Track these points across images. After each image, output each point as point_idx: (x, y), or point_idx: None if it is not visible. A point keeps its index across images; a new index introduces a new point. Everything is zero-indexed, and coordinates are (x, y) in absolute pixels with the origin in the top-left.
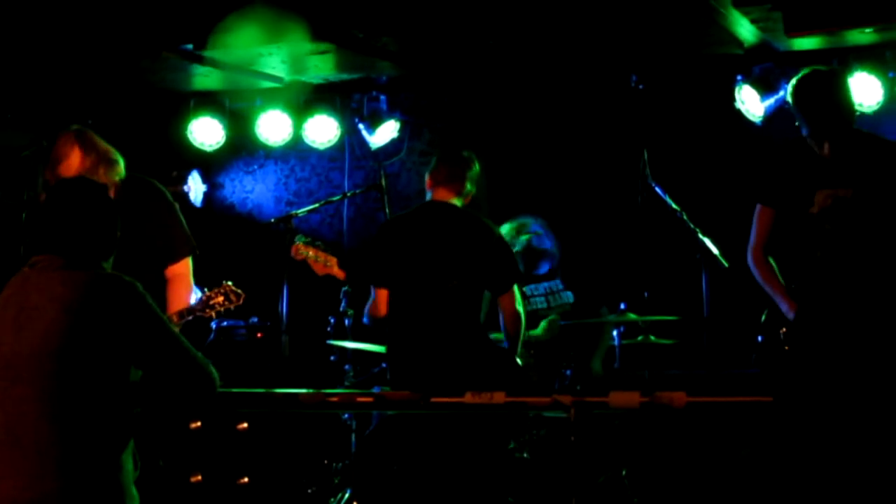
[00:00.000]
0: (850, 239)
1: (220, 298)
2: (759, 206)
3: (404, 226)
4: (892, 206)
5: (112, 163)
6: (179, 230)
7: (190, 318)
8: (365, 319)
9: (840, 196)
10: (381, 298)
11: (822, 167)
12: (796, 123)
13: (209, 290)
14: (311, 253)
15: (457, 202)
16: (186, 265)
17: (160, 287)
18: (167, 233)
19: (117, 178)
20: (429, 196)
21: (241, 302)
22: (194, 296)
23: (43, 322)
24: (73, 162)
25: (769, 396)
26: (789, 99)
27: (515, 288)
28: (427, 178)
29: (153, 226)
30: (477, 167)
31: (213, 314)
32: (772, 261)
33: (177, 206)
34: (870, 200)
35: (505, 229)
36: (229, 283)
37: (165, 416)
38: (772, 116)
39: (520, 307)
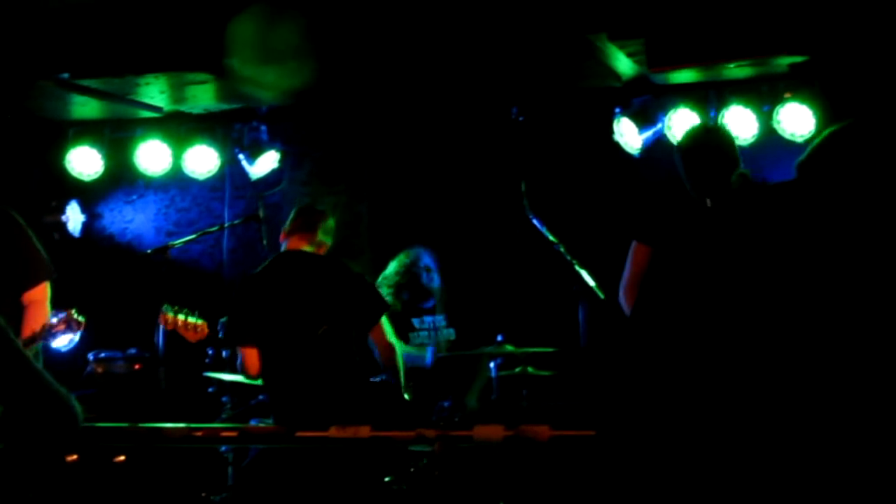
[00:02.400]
0: (719, 283)
1: (62, 326)
2: (634, 243)
3: (261, 281)
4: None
5: None
6: (35, 256)
7: (33, 344)
8: (241, 375)
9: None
10: (250, 357)
11: (707, 216)
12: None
13: (53, 315)
14: (179, 322)
15: (309, 250)
16: (43, 291)
17: (18, 314)
18: (22, 258)
19: None
20: (283, 248)
21: (81, 329)
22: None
23: None
24: None
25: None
26: (675, 154)
27: (384, 320)
28: (282, 231)
29: (7, 252)
30: (331, 221)
31: (53, 342)
32: None
33: (31, 231)
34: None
35: (399, 259)
36: (73, 310)
37: (30, 452)
38: (650, 148)
39: (391, 338)
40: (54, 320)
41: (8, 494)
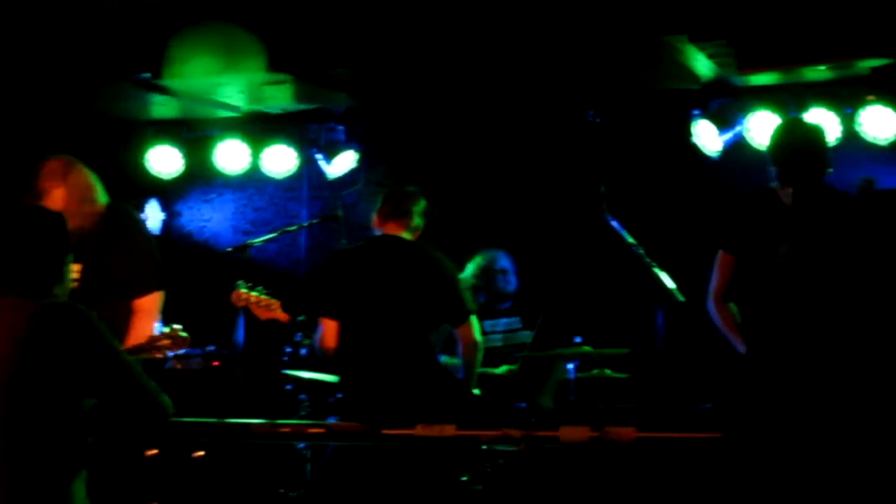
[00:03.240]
0: (807, 290)
1: (167, 342)
2: (720, 253)
3: (354, 258)
4: (845, 264)
5: (93, 199)
6: (150, 264)
7: (137, 355)
8: (316, 351)
9: (799, 249)
10: (329, 330)
11: (786, 218)
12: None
13: (158, 331)
14: (252, 298)
15: (406, 236)
16: (154, 301)
17: (124, 317)
18: (140, 265)
19: (99, 209)
20: (377, 233)
21: (186, 345)
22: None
23: None
24: (57, 197)
25: (720, 433)
26: (767, 144)
27: (473, 318)
28: (374, 216)
29: (125, 257)
30: (423, 202)
31: (160, 355)
32: (732, 306)
33: (153, 239)
34: (825, 256)
35: (476, 261)
36: (178, 326)
37: (118, 445)
38: (728, 151)
39: (478, 336)
40: (159, 333)
41: (95, 487)
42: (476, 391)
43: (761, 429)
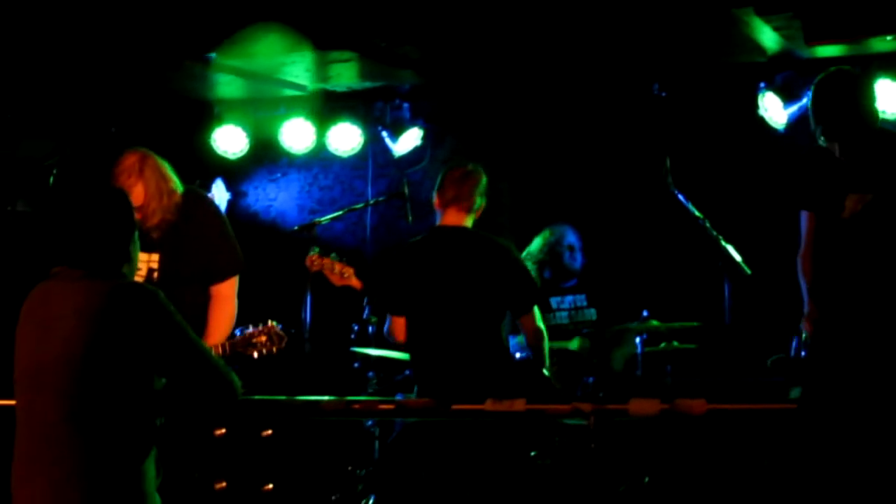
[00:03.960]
0: (881, 244)
1: (263, 338)
2: (803, 214)
3: (417, 252)
4: None
5: (171, 190)
6: (230, 248)
7: (228, 354)
8: (387, 338)
9: (867, 201)
10: (398, 325)
11: (848, 171)
12: (812, 129)
13: (254, 326)
14: (326, 263)
15: (468, 222)
16: (231, 286)
17: (202, 302)
18: (215, 250)
19: (177, 199)
20: (438, 216)
21: (283, 346)
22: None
23: (64, 332)
24: (135, 195)
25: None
26: (808, 103)
27: (535, 308)
28: (435, 197)
29: (202, 243)
30: (485, 179)
31: (255, 353)
32: None
33: (228, 223)
34: (891, 206)
35: (544, 235)
36: (274, 322)
37: (188, 425)
38: (794, 124)
39: (541, 324)
40: (253, 330)
41: (165, 467)
42: (546, 372)
43: (836, 397)
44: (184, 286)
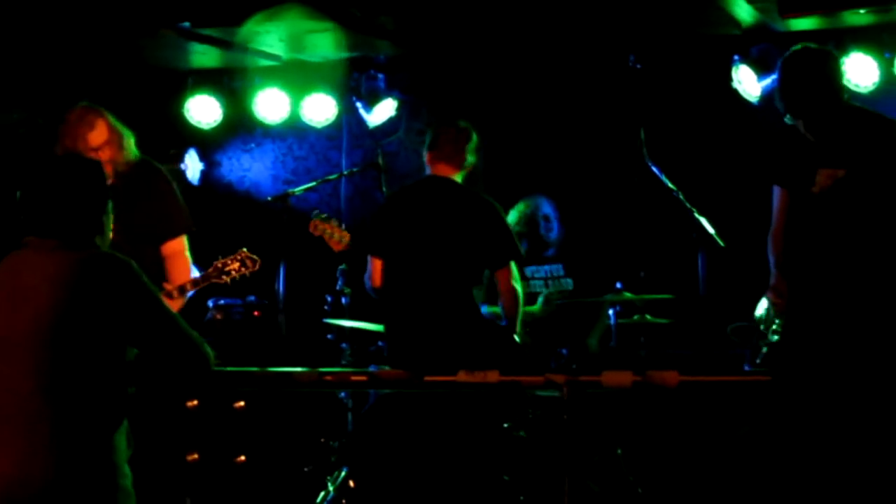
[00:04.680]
0: (851, 220)
1: (237, 265)
2: (775, 189)
3: (404, 198)
4: (886, 185)
5: (129, 141)
6: (176, 208)
7: (205, 283)
8: (367, 287)
9: (839, 177)
10: (375, 269)
11: (818, 147)
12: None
13: (222, 257)
14: (327, 230)
15: (458, 177)
16: (182, 242)
17: (159, 264)
18: (164, 210)
19: (132, 157)
20: (428, 171)
21: (256, 268)
22: (193, 272)
23: (36, 301)
24: (100, 135)
25: (768, 376)
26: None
27: (513, 265)
28: (426, 153)
29: (152, 204)
30: (475, 137)
31: (229, 280)
32: None
33: (175, 184)
34: (864, 180)
35: (519, 208)
36: (244, 249)
37: (161, 396)
38: (768, 97)
39: (516, 284)
40: (225, 259)
41: (137, 438)
42: (517, 338)
43: (804, 370)
44: (136, 245)
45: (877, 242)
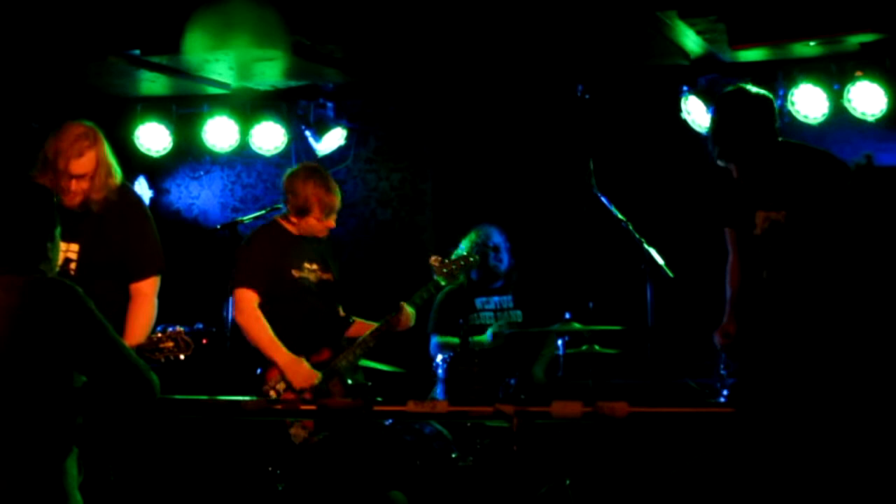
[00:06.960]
0: (790, 260)
1: (170, 344)
2: (725, 230)
3: None
4: (825, 225)
5: (113, 178)
6: (152, 247)
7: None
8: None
9: (773, 219)
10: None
11: (753, 189)
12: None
13: (161, 331)
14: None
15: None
16: (151, 285)
17: (122, 299)
18: (137, 249)
19: (111, 190)
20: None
21: (189, 353)
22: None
23: None
24: (84, 166)
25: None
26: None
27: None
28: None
29: (126, 241)
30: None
31: (162, 358)
32: None
33: (154, 224)
34: (803, 221)
35: (470, 237)
36: (181, 329)
37: (108, 424)
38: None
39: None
40: (160, 334)
41: (85, 465)
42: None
43: (755, 403)
44: (101, 279)
45: (818, 281)
